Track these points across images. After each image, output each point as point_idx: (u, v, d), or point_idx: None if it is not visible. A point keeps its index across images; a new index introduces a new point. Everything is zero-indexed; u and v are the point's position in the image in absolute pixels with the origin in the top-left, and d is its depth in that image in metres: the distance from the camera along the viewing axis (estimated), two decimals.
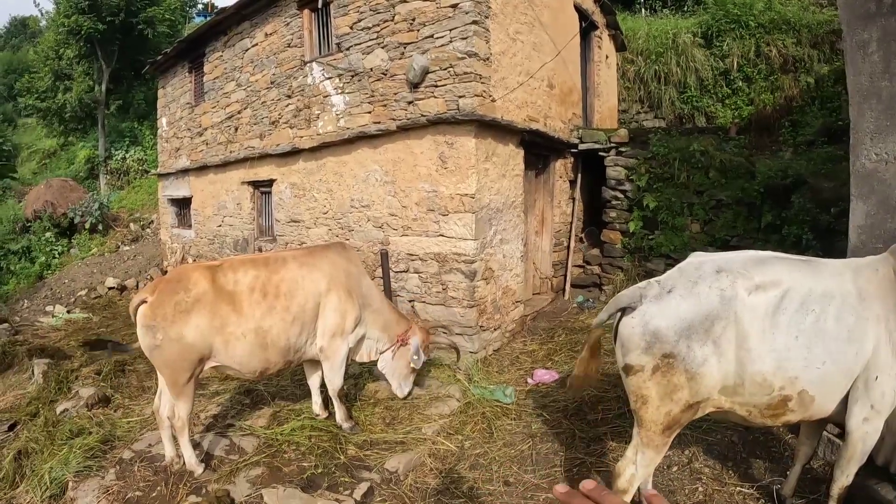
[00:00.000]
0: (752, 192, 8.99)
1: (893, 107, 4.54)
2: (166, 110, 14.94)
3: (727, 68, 14.94)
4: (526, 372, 7.44)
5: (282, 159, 10.34)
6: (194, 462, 5.01)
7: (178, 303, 4.76)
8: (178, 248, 14.58)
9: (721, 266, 3.55)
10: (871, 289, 3.54)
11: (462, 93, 7.40)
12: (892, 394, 3.45)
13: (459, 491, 4.79)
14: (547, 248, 10.53)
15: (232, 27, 11.57)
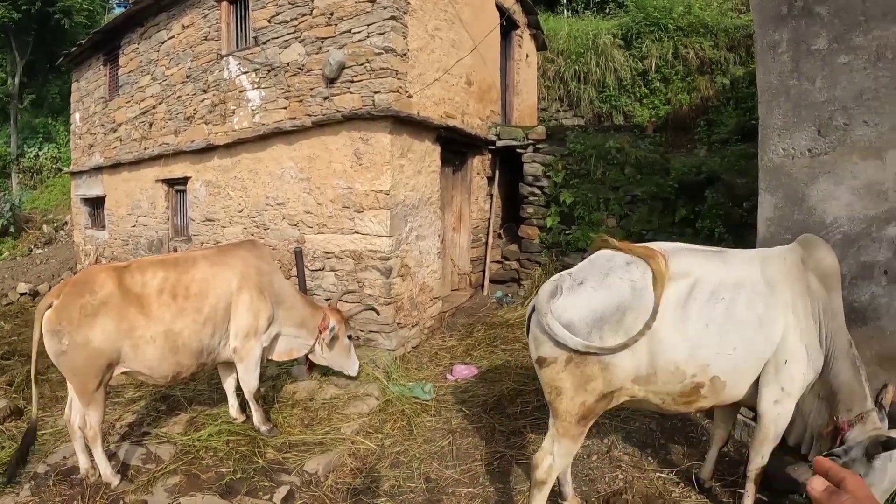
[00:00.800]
0: (667, 188, 9.25)
1: (800, 104, 4.81)
2: (80, 105, 14.40)
3: (645, 69, 15.36)
4: (445, 368, 7.50)
5: (197, 156, 10.13)
6: (110, 473, 4.82)
7: (84, 306, 4.59)
8: (92, 249, 14.08)
9: (630, 258, 3.62)
10: (780, 277, 3.69)
11: (378, 88, 7.39)
12: (801, 377, 3.61)
13: (381, 490, 4.79)
14: (465, 244, 10.63)
15: (149, 18, 11.25)
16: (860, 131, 4.53)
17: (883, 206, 4.43)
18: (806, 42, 4.77)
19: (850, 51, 4.54)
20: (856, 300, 4.55)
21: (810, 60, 4.75)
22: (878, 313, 4.50)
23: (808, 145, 4.79)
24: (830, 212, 4.68)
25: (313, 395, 6.48)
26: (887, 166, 4.40)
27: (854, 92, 4.54)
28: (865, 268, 4.54)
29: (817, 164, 4.75)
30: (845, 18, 4.55)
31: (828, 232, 4.65)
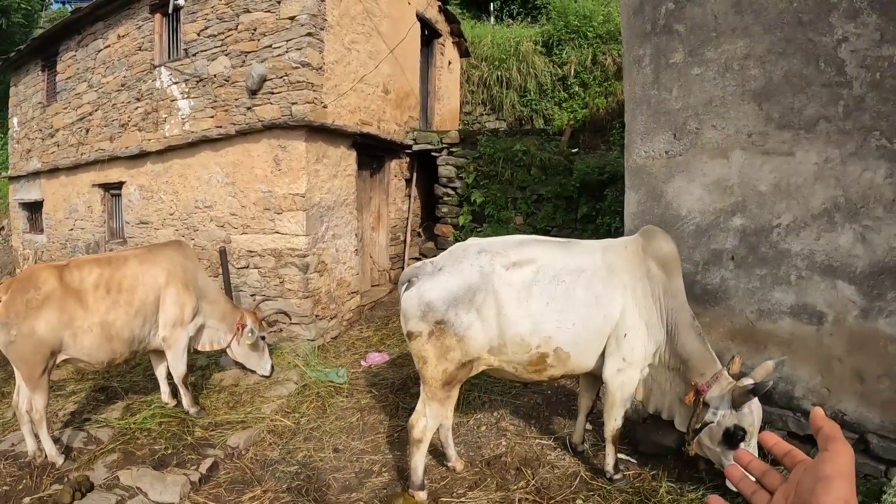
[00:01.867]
0: (570, 188, 10.01)
1: (659, 111, 5.44)
2: (17, 109, 14.54)
3: (565, 74, 16.09)
4: (360, 356, 8.17)
5: (131, 162, 10.53)
6: (55, 453, 5.30)
7: (30, 300, 5.12)
8: (31, 253, 14.24)
9: (483, 247, 4.35)
10: (621, 263, 4.38)
11: (295, 100, 8.02)
12: (641, 348, 4.28)
13: (294, 460, 5.40)
14: (384, 242, 11.24)
15: (86, 27, 11.57)
16: (709, 134, 5.10)
17: (729, 199, 5.02)
18: (665, 56, 5.37)
19: (703, 63, 5.11)
20: (708, 283, 5.19)
21: (668, 72, 5.36)
22: (728, 294, 5.09)
23: (665, 148, 5.41)
24: (685, 206, 5.30)
25: (238, 381, 7.12)
26: (732, 165, 4.97)
27: (705, 100, 5.11)
28: (715, 254, 5.14)
29: (673, 164, 5.36)
30: (699, 34, 5.11)
31: (683, 223, 5.30)
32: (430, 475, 4.89)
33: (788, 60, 4.64)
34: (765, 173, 4.83)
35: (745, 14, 4.85)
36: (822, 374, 4.65)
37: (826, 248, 4.55)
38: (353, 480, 5.05)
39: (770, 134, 4.78)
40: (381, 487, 4.88)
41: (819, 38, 4.47)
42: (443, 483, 4.86)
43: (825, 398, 4.63)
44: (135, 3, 10.29)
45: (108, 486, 4.93)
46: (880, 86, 4.21)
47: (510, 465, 5.06)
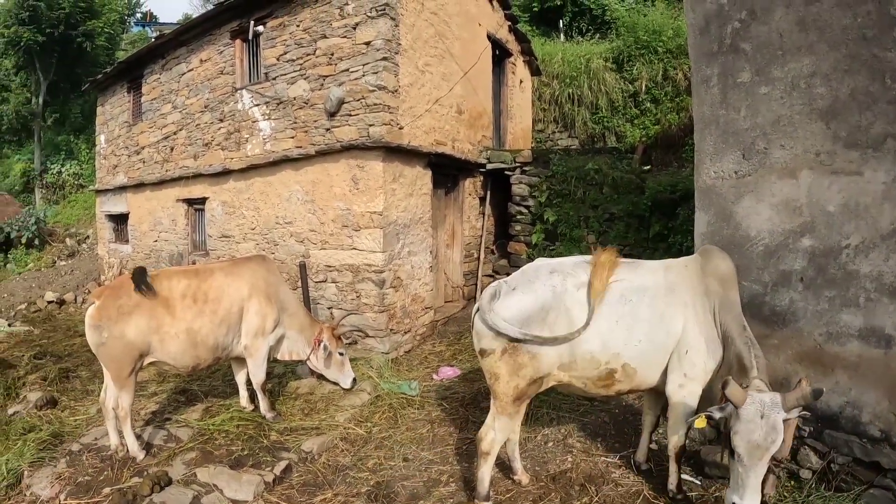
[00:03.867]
0: (642, 206, 9.98)
1: (728, 132, 5.43)
2: (105, 128, 15.35)
3: (636, 91, 16.01)
4: (433, 369, 8.33)
5: (214, 179, 11.02)
6: (136, 449, 5.68)
7: (121, 306, 5.50)
8: (116, 262, 14.94)
9: (554, 268, 4.51)
10: (681, 282, 4.49)
11: (372, 121, 8.28)
12: (702, 364, 4.35)
13: (365, 467, 5.60)
14: (458, 259, 11.42)
15: (170, 51, 12.18)
16: (777, 154, 5.08)
17: (798, 220, 4.97)
18: (732, 75, 5.37)
19: (769, 82, 5.10)
20: (777, 305, 5.14)
21: (736, 92, 5.36)
22: (796, 316, 5.01)
23: (734, 168, 5.40)
24: (754, 226, 5.27)
25: (313, 390, 7.39)
26: (800, 185, 4.93)
27: (772, 119, 5.09)
28: (784, 276, 5.09)
29: (742, 185, 5.34)
30: (765, 53, 5.11)
31: (752, 244, 5.28)
32: (496, 487, 5.00)
33: (854, 78, 4.60)
34: (833, 193, 4.77)
35: (809, 31, 4.82)
36: (889, 399, 4.54)
37: (895, 269, 4.47)
38: (421, 489, 5.20)
39: (838, 153, 4.73)
40: (448, 497, 5.02)
41: (884, 54, 4.43)
42: (508, 496, 4.97)
43: (892, 424, 4.52)
44: (216, 29, 10.83)
45: (185, 481, 5.23)
46: None
47: (574, 482, 5.12)
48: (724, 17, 5.41)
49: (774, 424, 3.64)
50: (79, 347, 10.06)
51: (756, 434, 3.65)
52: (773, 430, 3.64)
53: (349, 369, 6.99)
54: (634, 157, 12.17)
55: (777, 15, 5.01)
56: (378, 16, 8.24)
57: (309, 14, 9.07)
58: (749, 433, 3.67)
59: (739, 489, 3.77)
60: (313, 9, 9.00)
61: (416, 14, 8.99)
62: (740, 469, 3.76)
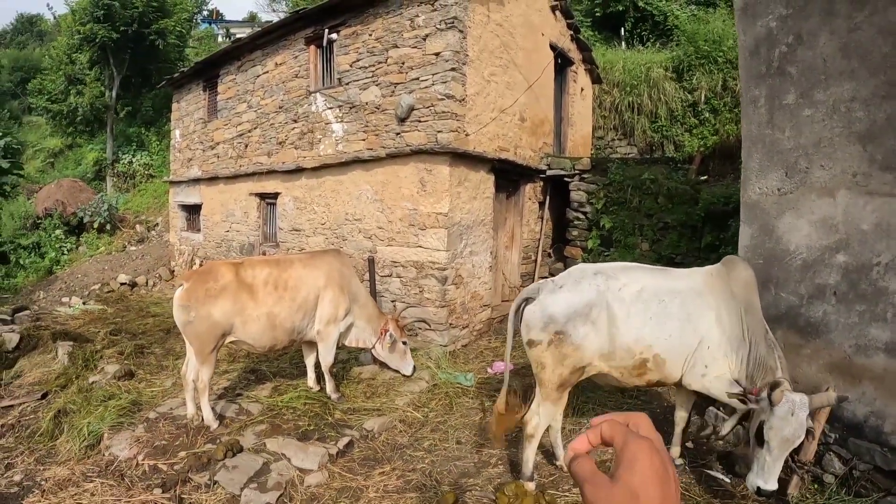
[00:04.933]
0: (695, 217, 10.21)
1: (773, 151, 5.73)
2: (180, 123, 16.15)
3: (695, 100, 16.02)
4: (487, 363, 8.78)
5: (286, 175, 11.62)
6: (211, 418, 6.24)
7: (209, 289, 6.09)
8: (187, 249, 15.72)
9: (598, 270, 5.00)
10: (707, 287, 4.94)
11: (440, 128, 8.75)
12: (722, 358, 4.79)
13: (421, 447, 6.09)
14: (516, 260, 11.81)
15: (245, 54, 12.85)
16: (818, 174, 5.36)
17: (834, 237, 5.24)
18: (779, 97, 5.66)
19: (813, 105, 5.36)
20: (812, 316, 5.43)
21: (781, 113, 5.65)
22: (828, 328, 5.30)
23: (777, 185, 5.70)
24: (793, 241, 5.58)
25: (375, 376, 7.93)
26: (838, 204, 5.20)
27: (814, 140, 5.36)
28: (819, 289, 5.37)
29: (784, 202, 5.65)
30: (809, 77, 5.38)
31: (791, 258, 5.59)
32: (540, 471, 5.45)
33: (891, 103, 4.84)
34: (867, 213, 5.02)
35: (851, 58, 5.06)
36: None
37: None
38: (472, 468, 5.66)
39: (873, 175, 4.97)
40: (496, 477, 5.47)
41: None
42: (550, 479, 5.42)
43: None
44: (291, 35, 11.44)
45: (255, 450, 5.74)
46: None
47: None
48: (772, 40, 5.69)
49: (802, 421, 4.13)
50: (151, 326, 10.82)
51: (787, 430, 4.15)
52: (800, 427, 4.15)
53: (410, 358, 7.48)
54: (691, 167, 12.35)
55: (822, 40, 5.27)
56: (447, 28, 8.70)
57: (381, 24, 9.56)
58: (781, 428, 4.15)
59: (765, 474, 4.25)
60: (385, 19, 9.49)
61: (482, 26, 9.40)
62: (768, 458, 4.23)
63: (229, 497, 4.99)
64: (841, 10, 5.13)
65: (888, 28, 4.80)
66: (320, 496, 5.10)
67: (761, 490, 4.27)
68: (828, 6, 5.22)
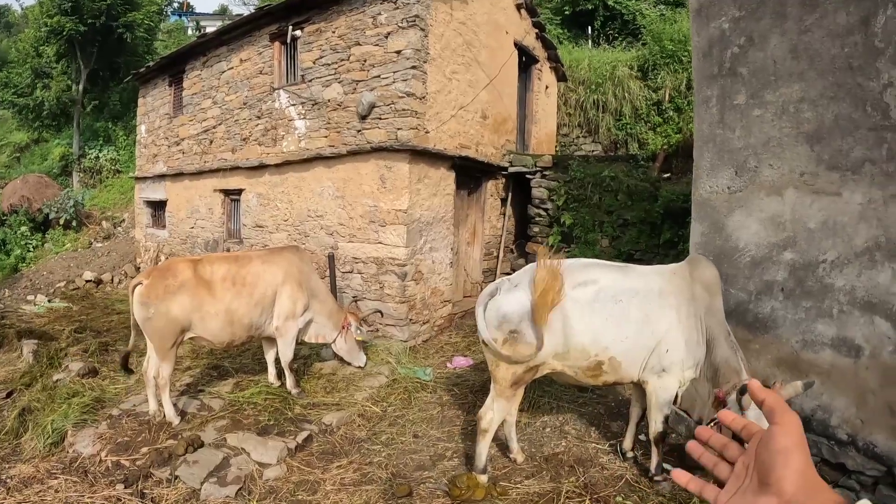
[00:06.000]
0: (654, 214, 10.39)
1: (723, 150, 5.84)
2: (146, 118, 16.03)
3: (660, 99, 16.27)
4: (447, 358, 8.90)
5: (250, 172, 11.63)
6: (173, 414, 6.28)
7: (168, 286, 6.12)
8: (152, 246, 15.61)
9: None
10: (669, 287, 4.97)
11: (400, 126, 8.83)
12: (679, 361, 4.84)
13: (379, 441, 6.18)
14: (478, 257, 11.93)
15: (211, 50, 12.80)
16: (766, 173, 5.46)
17: (782, 234, 5.36)
18: (730, 97, 5.75)
19: (762, 105, 5.46)
20: (760, 312, 5.55)
21: (732, 113, 5.73)
22: (776, 324, 5.42)
23: (727, 184, 5.80)
24: (743, 238, 5.68)
25: (336, 371, 8.01)
26: (785, 202, 5.31)
27: (763, 140, 5.47)
28: (767, 286, 5.49)
29: (734, 200, 5.75)
30: (760, 78, 5.47)
31: (740, 255, 5.69)
32: (494, 464, 5.57)
33: (838, 104, 4.94)
34: (814, 211, 5.13)
35: (801, 59, 5.17)
36: (857, 405, 4.90)
37: (866, 284, 4.81)
38: (427, 462, 5.76)
39: (820, 174, 5.08)
40: (451, 469, 5.57)
41: (867, 83, 4.75)
42: (504, 471, 5.53)
43: (858, 429, 4.89)
44: (256, 31, 11.44)
45: (216, 445, 5.81)
46: None
47: (565, 463, 5.65)
48: (725, 42, 5.79)
49: None
50: (116, 324, 10.79)
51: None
52: None
53: (362, 351, 7.73)
54: (655, 164, 12.52)
55: (773, 42, 5.38)
56: (409, 26, 8.77)
57: (344, 22, 9.61)
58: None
59: None
60: (348, 17, 9.54)
61: (445, 24, 9.49)
62: None
63: (190, 491, 5.05)
64: (792, 12, 5.23)
65: (837, 31, 4.90)
66: (278, 489, 5.18)
67: None
68: (779, 9, 5.33)
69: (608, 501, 4.97)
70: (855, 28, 4.80)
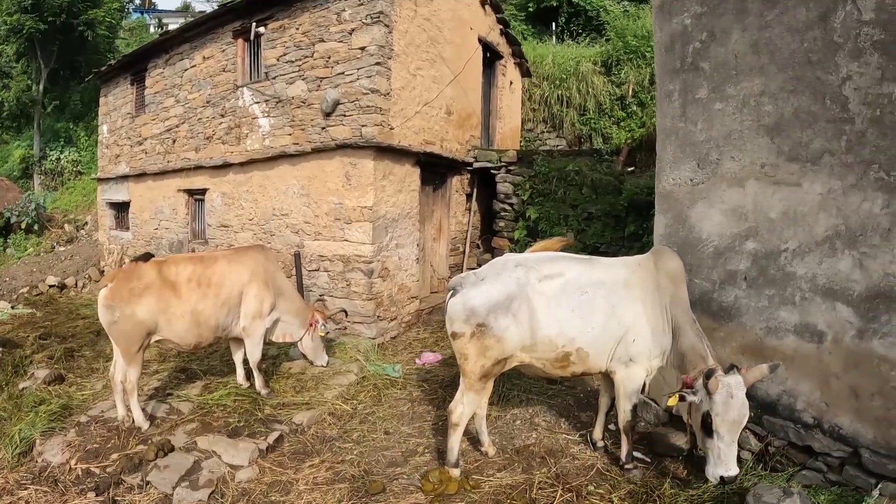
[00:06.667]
0: (619, 207, 10.42)
1: (686, 143, 5.92)
2: (107, 118, 15.77)
3: (623, 94, 16.41)
4: (416, 354, 8.95)
5: (214, 171, 11.52)
6: (141, 419, 6.22)
7: (133, 288, 6.06)
8: (116, 248, 15.36)
9: (520, 262, 5.12)
10: (634, 278, 5.09)
11: (365, 122, 8.84)
12: (646, 351, 4.96)
13: (350, 439, 6.21)
14: (444, 252, 11.96)
15: (174, 47, 12.65)
16: (728, 165, 5.55)
17: (744, 225, 5.46)
18: (692, 91, 5.84)
19: (724, 99, 5.54)
20: (724, 301, 5.64)
21: (694, 107, 5.82)
22: (740, 312, 5.52)
23: (690, 176, 5.90)
24: (705, 229, 5.78)
25: (305, 370, 7.98)
26: (747, 193, 5.41)
27: (725, 133, 5.55)
28: (731, 275, 5.57)
29: (696, 192, 5.84)
30: (721, 72, 5.55)
31: (703, 246, 5.78)
32: (465, 458, 5.63)
33: (798, 97, 5.04)
34: (775, 202, 5.24)
35: (761, 54, 5.27)
36: (821, 389, 5.01)
37: (827, 272, 4.92)
38: (399, 458, 5.82)
39: (780, 166, 5.19)
40: (423, 465, 5.63)
41: (826, 77, 4.86)
42: (476, 464, 5.60)
43: (823, 412, 5.00)
44: (219, 28, 11.33)
45: (187, 448, 5.78)
46: (880, 121, 4.57)
47: (536, 454, 5.74)
48: (687, 37, 5.87)
49: (744, 400, 4.25)
50: (81, 329, 10.63)
51: (732, 413, 4.24)
52: (743, 406, 4.26)
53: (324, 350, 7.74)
54: (619, 158, 12.54)
55: (734, 37, 5.47)
56: (373, 23, 8.77)
57: (308, 18, 9.58)
58: (726, 413, 4.24)
59: (724, 462, 4.33)
60: (312, 13, 9.52)
61: (409, 21, 9.51)
62: (721, 445, 4.31)
63: (162, 497, 5.05)
64: (753, 8, 5.31)
65: (796, 26, 5.00)
66: (251, 491, 5.20)
67: (725, 478, 4.33)
68: (740, 4, 5.41)
69: (580, 491, 5.04)
70: (814, 23, 4.90)
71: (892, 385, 4.57)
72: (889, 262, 4.58)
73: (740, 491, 4.66)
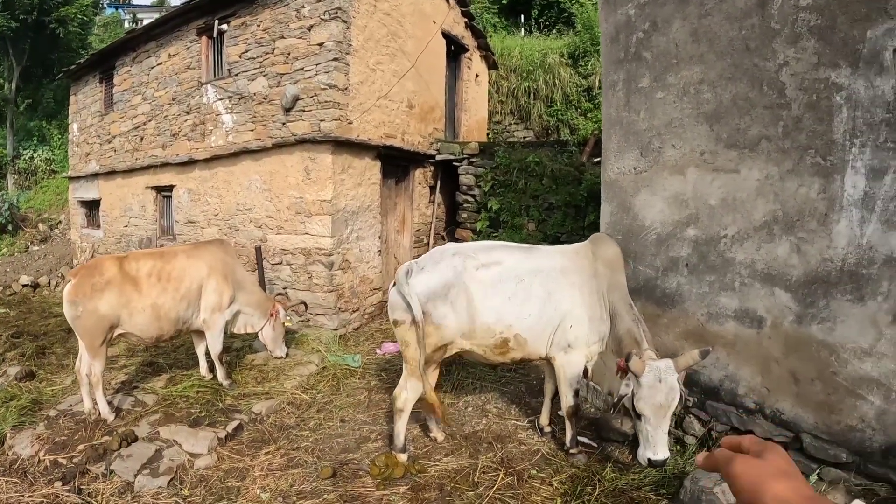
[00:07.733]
0: (578, 197, 10.65)
1: (629, 132, 6.01)
2: (77, 116, 15.77)
3: (590, 86, 16.66)
4: (377, 345, 9.15)
5: (181, 168, 11.63)
6: (107, 411, 6.38)
7: (95, 284, 6.21)
8: (88, 247, 15.42)
9: (458, 251, 5.23)
10: (572, 265, 5.22)
11: (323, 117, 9.00)
12: (584, 336, 5.08)
13: (307, 427, 6.39)
14: (408, 244, 12.13)
15: (141, 45, 12.71)
16: (669, 153, 5.60)
17: (685, 212, 5.50)
18: (635, 81, 5.90)
19: (665, 88, 5.59)
20: (667, 288, 5.73)
21: (637, 96, 5.88)
22: (682, 298, 5.58)
23: (633, 164, 5.98)
24: (649, 217, 5.85)
25: (267, 361, 8.17)
26: (687, 181, 5.45)
27: (666, 121, 5.60)
28: (673, 262, 5.65)
29: (640, 180, 5.92)
30: (663, 61, 5.60)
31: (647, 233, 5.88)
32: (415, 443, 5.84)
33: (736, 84, 5.10)
34: (714, 189, 5.28)
35: (700, 42, 5.33)
36: (762, 374, 5.08)
37: (766, 257, 4.97)
38: (352, 444, 5.99)
39: (719, 153, 5.24)
40: (374, 451, 5.78)
41: (763, 63, 4.91)
42: (424, 450, 5.77)
43: (765, 397, 5.10)
44: (184, 26, 11.43)
45: (149, 438, 5.95)
46: (816, 106, 4.59)
47: (484, 440, 5.91)
48: (631, 27, 5.96)
49: (672, 385, 4.28)
50: (53, 327, 10.71)
51: (658, 396, 4.27)
52: (671, 391, 4.28)
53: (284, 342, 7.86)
54: (585, 149, 12.72)
55: (675, 26, 5.54)
56: (330, 19, 8.92)
57: (269, 15, 9.72)
58: (652, 397, 4.27)
59: (652, 446, 4.38)
60: (273, 10, 9.65)
61: (368, 16, 9.66)
62: (648, 428, 4.37)
63: (124, 484, 5.19)
64: None
65: (735, 14, 5.07)
66: (209, 477, 5.36)
67: (652, 461, 4.35)
68: None
69: (522, 475, 5.20)
70: (752, 10, 4.97)
71: (832, 370, 4.63)
72: (826, 248, 4.61)
73: (680, 475, 4.80)
